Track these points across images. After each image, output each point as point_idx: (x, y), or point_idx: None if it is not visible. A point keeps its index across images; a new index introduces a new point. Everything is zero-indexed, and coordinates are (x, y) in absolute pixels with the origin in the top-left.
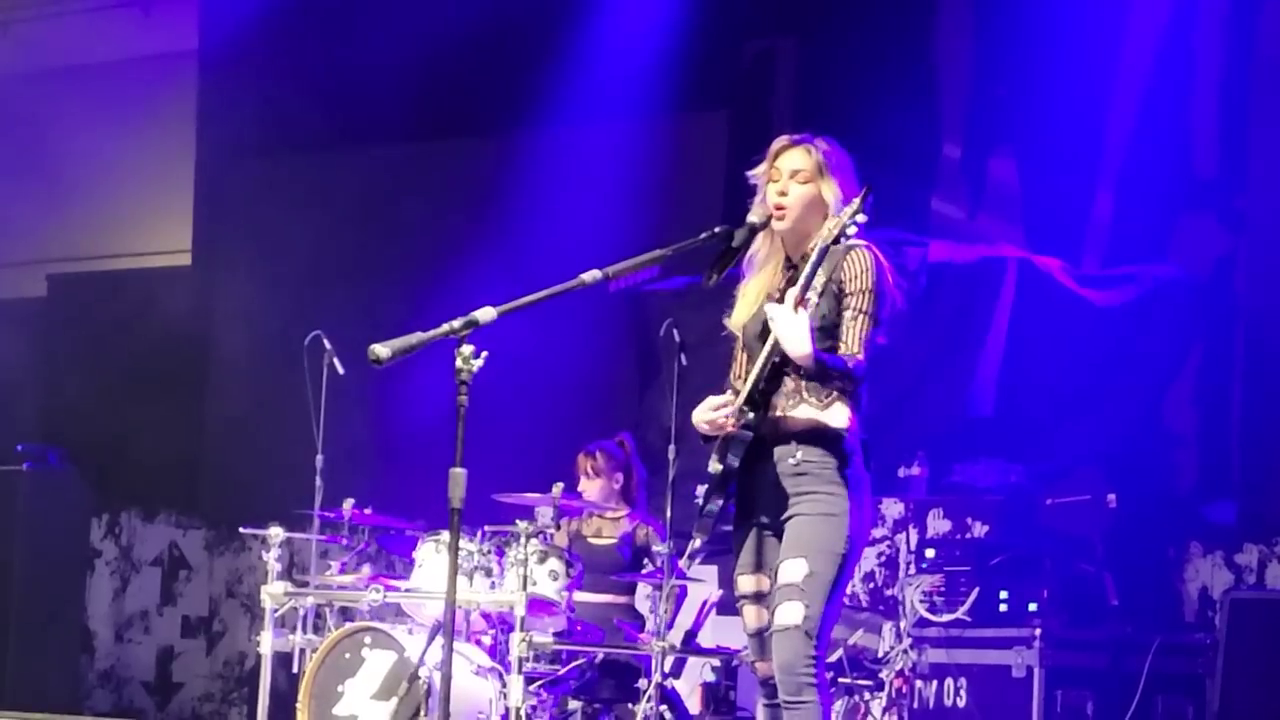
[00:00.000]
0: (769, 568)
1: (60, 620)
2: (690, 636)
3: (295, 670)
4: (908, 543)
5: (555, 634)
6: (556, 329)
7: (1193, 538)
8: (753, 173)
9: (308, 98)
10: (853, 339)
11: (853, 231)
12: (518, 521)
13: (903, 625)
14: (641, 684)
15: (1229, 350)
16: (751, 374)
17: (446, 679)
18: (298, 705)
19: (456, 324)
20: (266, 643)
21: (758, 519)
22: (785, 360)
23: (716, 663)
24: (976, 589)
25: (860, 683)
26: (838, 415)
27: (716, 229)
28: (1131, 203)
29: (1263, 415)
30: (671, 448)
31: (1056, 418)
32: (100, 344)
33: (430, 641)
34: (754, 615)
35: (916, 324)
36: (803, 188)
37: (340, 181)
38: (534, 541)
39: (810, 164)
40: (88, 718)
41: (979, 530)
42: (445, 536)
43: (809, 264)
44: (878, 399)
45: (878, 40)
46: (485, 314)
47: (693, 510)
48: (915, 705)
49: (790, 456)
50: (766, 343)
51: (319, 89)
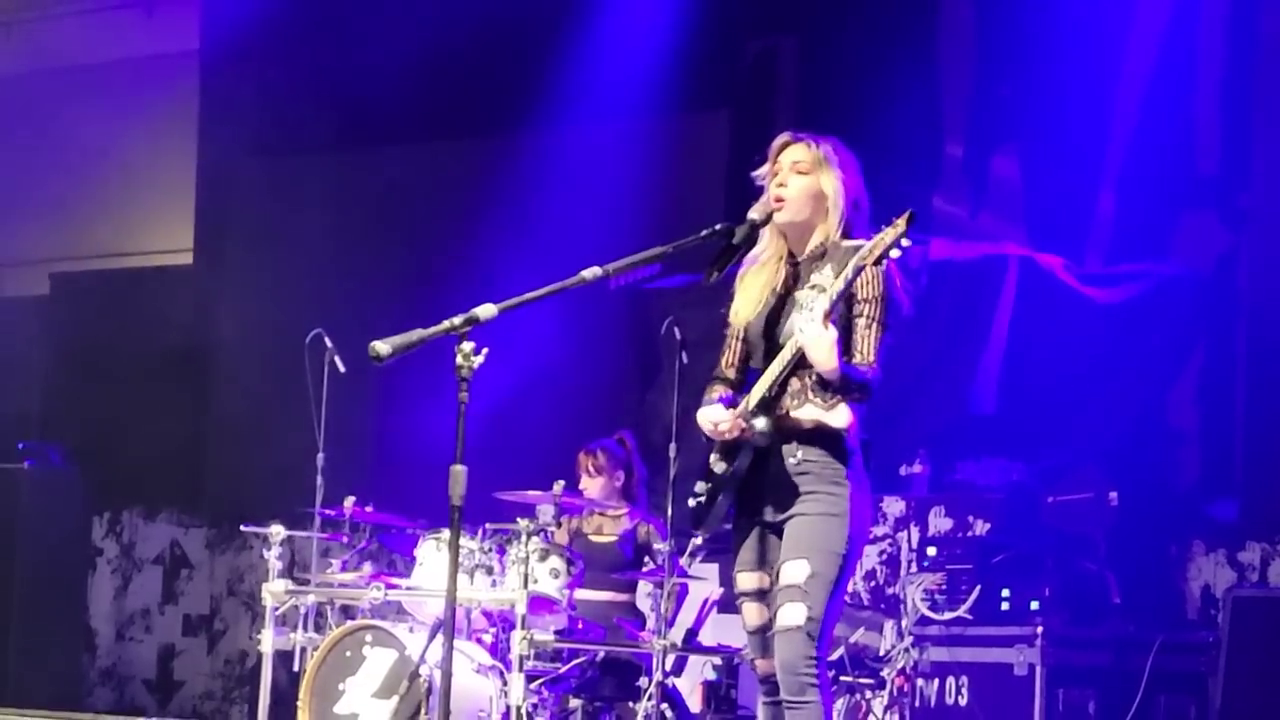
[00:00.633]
0: (770, 565)
1: (62, 618)
2: (691, 635)
3: (296, 668)
4: (909, 541)
5: (556, 632)
6: (557, 326)
7: (1195, 535)
8: (757, 173)
9: (310, 97)
10: (868, 349)
11: (896, 255)
12: (519, 519)
13: (904, 623)
14: (642, 682)
15: (1231, 348)
16: (765, 380)
17: (447, 677)
18: (299, 703)
19: (457, 321)
20: (267, 641)
21: (759, 517)
22: (799, 364)
23: (718, 661)
24: (978, 587)
25: (862, 681)
26: (840, 416)
27: (718, 226)
28: (1133, 200)
29: (1265, 413)
30: (673, 445)
31: (1058, 415)
32: (102, 342)
33: (431, 640)
34: (755, 613)
35: (918, 322)
36: (803, 179)
37: (342, 181)
38: (535, 539)
39: (810, 157)
40: (89, 715)
41: (981, 528)
42: (446, 534)
43: (843, 279)
44: (879, 398)
45: (879, 39)
46: (486, 311)
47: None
48: (917, 704)
49: (792, 456)
50: (785, 349)
51: (321, 89)
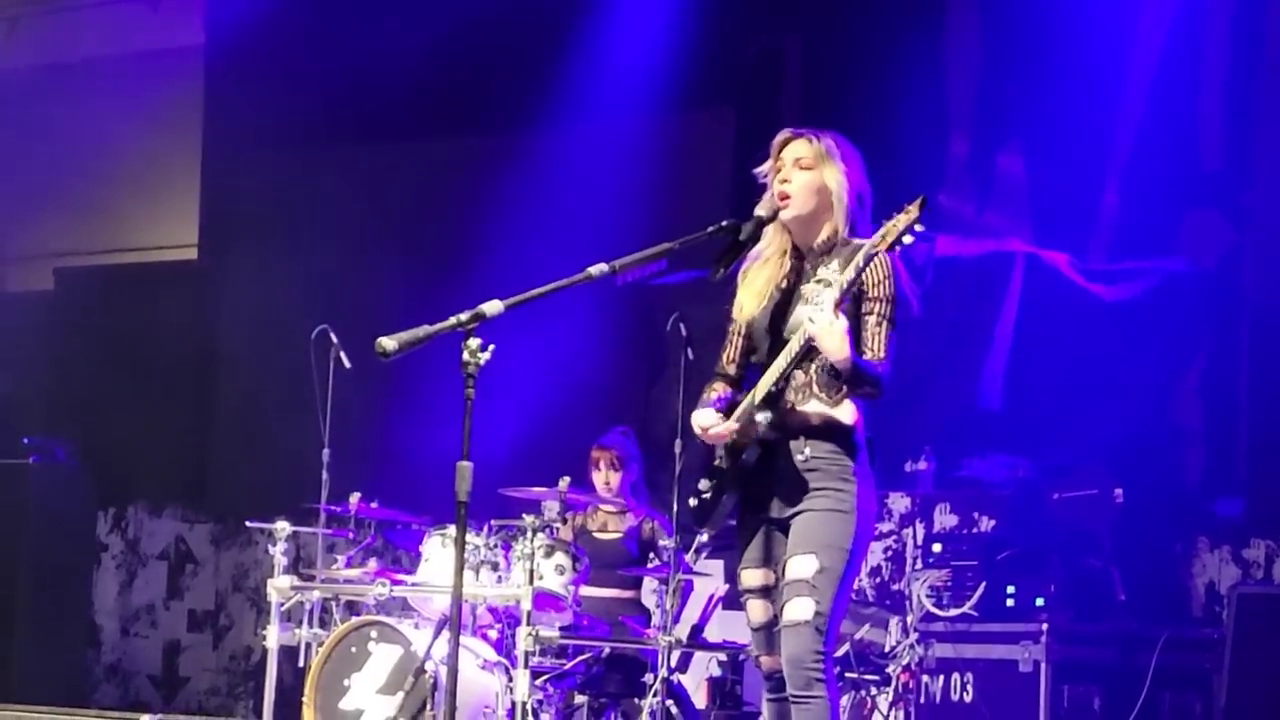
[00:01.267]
0: (775, 562)
1: (67, 614)
2: (697, 631)
3: (301, 664)
4: (915, 537)
5: (561, 628)
6: (564, 323)
7: (1200, 533)
8: (760, 169)
9: (314, 93)
10: (878, 345)
11: (909, 241)
12: (524, 516)
13: (909, 620)
14: (648, 679)
15: (1236, 345)
16: (771, 373)
17: (453, 673)
18: (304, 699)
19: (463, 317)
20: (273, 637)
21: (764, 514)
22: (804, 357)
23: (723, 657)
24: (983, 584)
25: (867, 677)
26: (846, 411)
27: (724, 223)
28: (1138, 197)
29: (1270, 410)
30: (678, 442)
31: (1064, 412)
32: (107, 338)
33: (436, 636)
34: (760, 609)
35: (924, 319)
36: (806, 174)
37: (347, 176)
38: (540, 536)
39: (813, 152)
40: (94, 711)
41: (986, 525)
42: (451, 530)
43: (853, 268)
44: (885, 394)
45: (884, 36)
46: (492, 307)
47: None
48: (922, 700)
49: (799, 452)
50: (793, 342)
51: (325, 84)
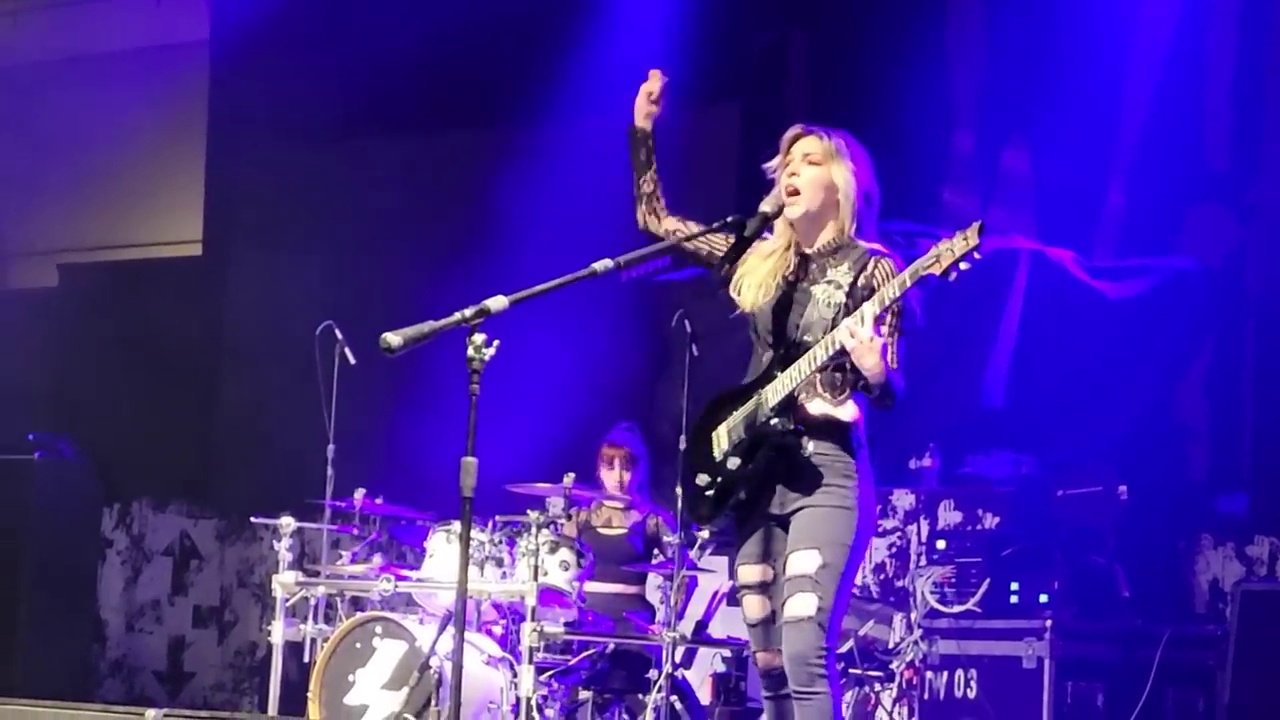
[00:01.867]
0: (774, 558)
1: (72, 610)
2: (701, 627)
3: (306, 660)
4: (919, 534)
5: (566, 624)
6: (568, 319)
7: (1204, 529)
8: (769, 165)
9: (319, 88)
10: (892, 356)
11: (965, 268)
12: (529, 511)
13: (913, 616)
14: (652, 674)
15: (1241, 342)
16: (790, 378)
17: (457, 669)
18: (309, 695)
19: (468, 313)
20: (278, 632)
21: (764, 509)
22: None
23: (727, 653)
24: (987, 580)
25: (871, 674)
26: (848, 409)
27: (729, 219)
28: (1143, 194)
29: (1275, 407)
30: (683, 438)
31: (1068, 409)
32: (112, 334)
33: (441, 631)
34: (757, 605)
35: (928, 316)
36: (815, 170)
37: (351, 172)
38: (545, 532)
39: (822, 149)
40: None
41: (990, 522)
42: (456, 526)
43: (898, 284)
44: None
45: (889, 31)
46: (497, 303)
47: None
48: (925, 696)
49: (802, 449)
50: (818, 349)
51: (330, 79)
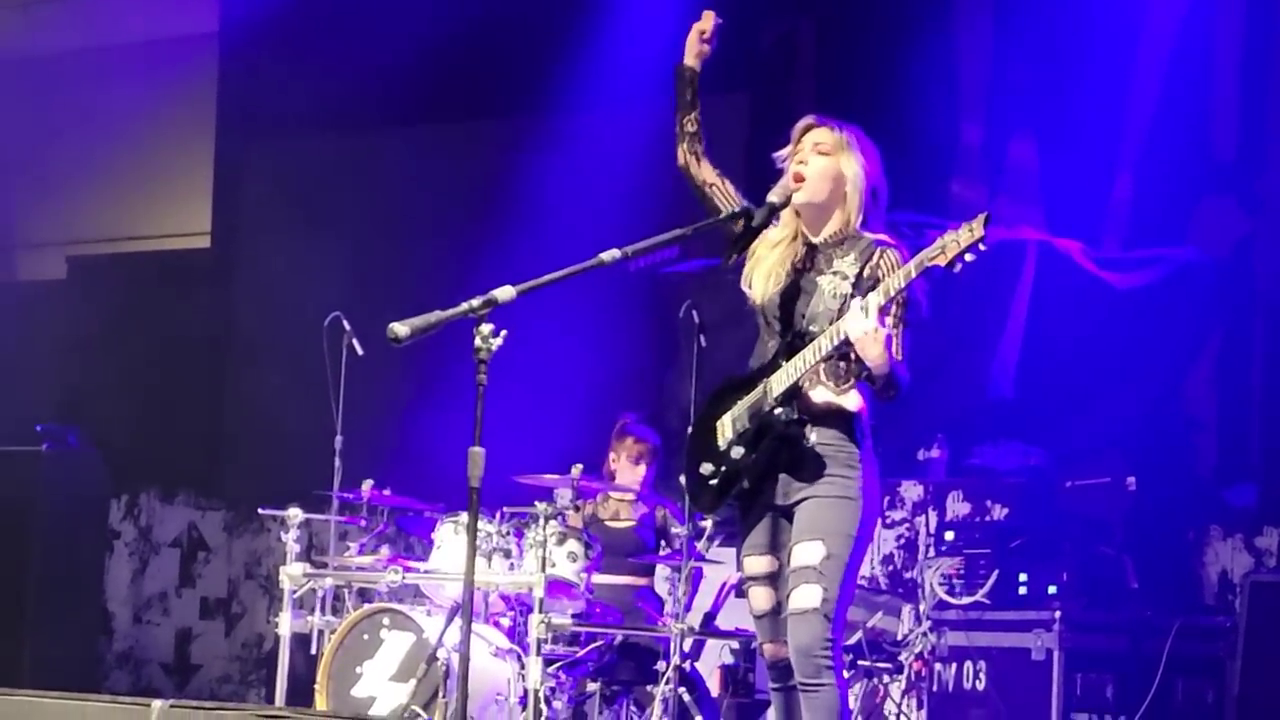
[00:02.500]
0: (780, 549)
1: (79, 601)
2: (709, 619)
3: (314, 652)
4: (927, 525)
5: (574, 616)
6: (576, 309)
7: (1213, 521)
8: (779, 154)
9: (328, 79)
10: (896, 347)
11: (970, 259)
12: (536, 503)
13: (922, 608)
14: (660, 666)
15: (1249, 333)
16: (794, 368)
17: (465, 660)
18: (316, 686)
19: (475, 303)
20: (285, 624)
21: (769, 500)
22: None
23: (735, 645)
24: (996, 572)
25: (879, 665)
26: (852, 399)
27: (736, 209)
28: (1152, 185)
29: None
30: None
31: (1076, 400)
32: (120, 326)
33: (449, 623)
34: (764, 596)
35: (936, 307)
36: (824, 160)
37: (360, 163)
38: (553, 523)
39: (833, 140)
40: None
41: (998, 513)
42: (464, 518)
43: (902, 274)
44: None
45: (897, 22)
46: (504, 293)
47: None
48: (934, 688)
49: (806, 438)
50: (823, 339)
51: (340, 70)
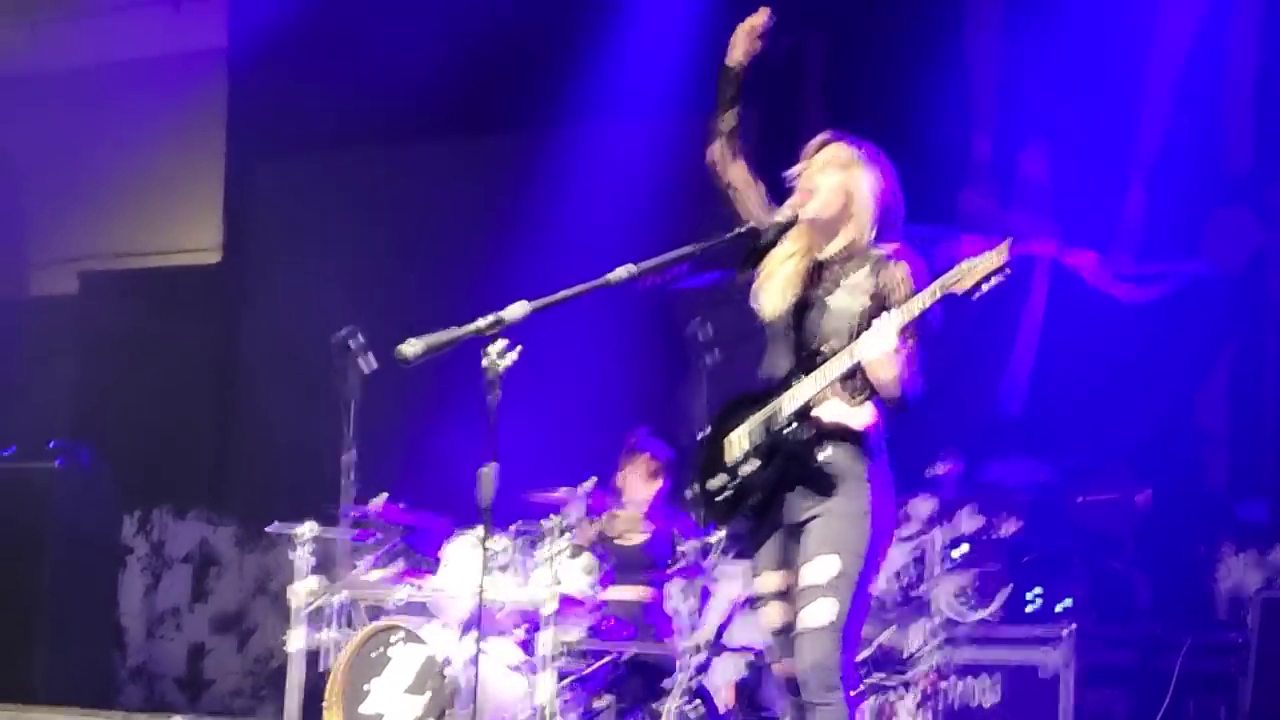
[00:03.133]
0: (793, 565)
1: (92, 616)
2: (719, 634)
3: (324, 667)
4: (938, 541)
5: (584, 631)
6: (586, 326)
7: (1225, 536)
8: (790, 172)
9: (338, 95)
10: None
11: (987, 288)
12: (547, 518)
13: (933, 624)
14: (669, 682)
15: (1262, 347)
16: (808, 387)
17: (475, 676)
18: (326, 702)
19: (486, 321)
20: (296, 640)
21: (781, 516)
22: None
23: (745, 661)
24: (1007, 587)
25: (889, 681)
26: (864, 414)
27: (747, 225)
28: (1164, 198)
29: None
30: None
31: (1088, 415)
32: (131, 341)
33: (460, 639)
34: (778, 613)
35: (946, 322)
36: (835, 175)
37: (371, 178)
38: (563, 539)
39: (846, 155)
40: (119, 713)
41: (1009, 529)
42: (474, 533)
43: (922, 298)
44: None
45: (908, 35)
46: (515, 311)
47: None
48: (944, 704)
49: (818, 454)
50: (838, 359)
51: (350, 86)
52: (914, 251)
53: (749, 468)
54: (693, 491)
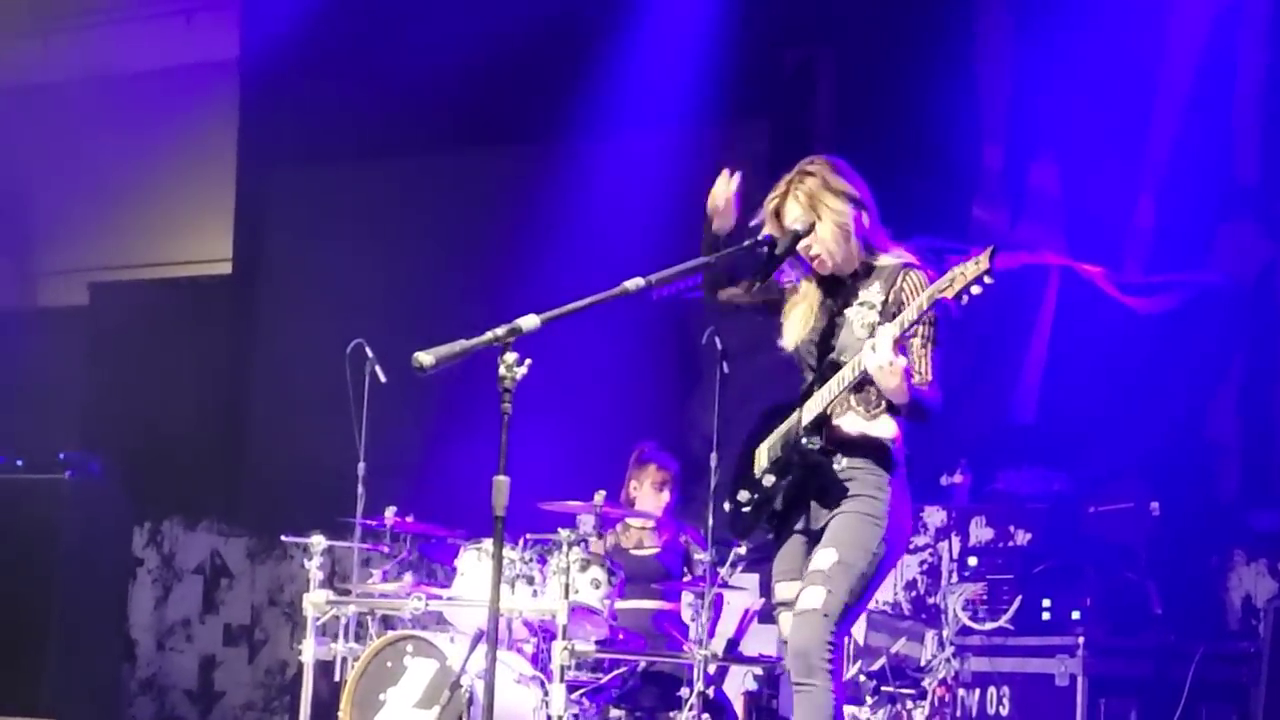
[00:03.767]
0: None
1: (102, 629)
2: (732, 645)
3: (337, 679)
4: (950, 551)
5: (597, 642)
6: (599, 337)
7: (1236, 546)
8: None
9: (349, 106)
10: (925, 368)
11: (977, 291)
12: (560, 529)
13: (945, 633)
14: (684, 692)
15: (1272, 357)
16: (821, 399)
17: (489, 687)
18: (339, 714)
19: (500, 332)
20: (308, 651)
21: (799, 526)
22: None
23: (759, 671)
24: (1019, 597)
25: (903, 691)
26: (884, 427)
27: (759, 236)
28: (1174, 209)
29: None
30: (713, 455)
31: (1099, 425)
32: (142, 353)
33: (472, 650)
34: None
35: (958, 332)
36: (815, 227)
37: (382, 190)
38: (576, 549)
39: (804, 203)
40: None
41: (1022, 538)
42: (487, 544)
43: (914, 308)
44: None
45: (917, 48)
46: (529, 322)
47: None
48: (958, 714)
49: (836, 465)
50: (845, 370)
51: (360, 97)
52: (926, 260)
53: (769, 481)
54: (730, 504)
